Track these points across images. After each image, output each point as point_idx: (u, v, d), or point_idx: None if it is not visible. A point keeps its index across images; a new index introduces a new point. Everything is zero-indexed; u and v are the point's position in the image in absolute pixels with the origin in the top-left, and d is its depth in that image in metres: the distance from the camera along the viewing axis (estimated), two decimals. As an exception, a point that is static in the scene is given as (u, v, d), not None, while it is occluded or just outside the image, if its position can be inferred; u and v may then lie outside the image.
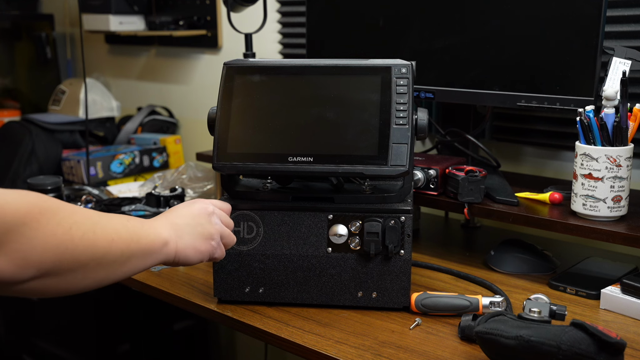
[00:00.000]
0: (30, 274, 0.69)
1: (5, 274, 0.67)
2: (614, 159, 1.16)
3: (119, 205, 1.61)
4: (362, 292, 1.13)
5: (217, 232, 0.96)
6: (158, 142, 2.24)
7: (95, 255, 0.75)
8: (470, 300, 1.10)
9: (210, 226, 0.95)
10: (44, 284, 0.71)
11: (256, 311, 1.14)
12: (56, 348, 2.06)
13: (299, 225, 1.13)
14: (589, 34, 1.24)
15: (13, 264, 0.67)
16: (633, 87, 1.39)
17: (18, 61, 2.73)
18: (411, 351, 1.00)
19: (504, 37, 1.34)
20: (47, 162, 2.07)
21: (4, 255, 0.66)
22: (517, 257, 1.33)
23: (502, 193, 1.32)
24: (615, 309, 1.13)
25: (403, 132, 1.09)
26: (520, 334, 0.86)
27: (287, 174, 1.17)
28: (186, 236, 0.91)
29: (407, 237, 1.11)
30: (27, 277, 0.69)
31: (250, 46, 1.66)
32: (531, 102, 1.31)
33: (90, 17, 2.28)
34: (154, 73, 2.48)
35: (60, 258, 0.71)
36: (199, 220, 0.94)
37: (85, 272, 0.75)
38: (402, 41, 1.47)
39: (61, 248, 0.71)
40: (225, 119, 1.13)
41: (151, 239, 0.85)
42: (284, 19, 2.03)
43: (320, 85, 1.13)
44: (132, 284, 1.30)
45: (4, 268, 0.66)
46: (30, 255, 0.68)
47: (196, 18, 2.23)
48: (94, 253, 0.75)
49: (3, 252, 0.66)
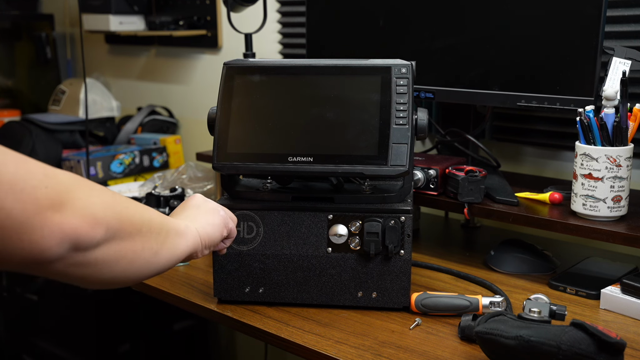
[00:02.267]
0: (101, 232, 0.68)
1: (81, 233, 0.65)
2: (614, 159, 1.16)
3: (119, 205, 1.61)
4: (362, 292, 1.13)
5: (216, 204, 1.00)
6: (158, 142, 2.24)
7: (143, 220, 0.77)
8: (470, 300, 1.10)
9: (208, 203, 0.99)
10: (114, 250, 0.71)
11: (256, 311, 1.14)
12: (56, 348, 2.06)
13: (299, 225, 1.13)
14: (589, 34, 1.24)
15: (85, 221, 0.66)
16: (633, 87, 1.39)
17: (18, 61, 2.73)
18: (411, 351, 1.00)
19: (504, 37, 1.34)
20: (47, 162, 2.02)
21: (74, 213, 0.65)
22: (517, 257, 1.33)
23: (502, 193, 1.32)
24: (615, 309, 1.13)
25: (403, 132, 1.09)
26: (520, 334, 0.86)
27: (287, 174, 1.17)
28: (197, 218, 0.94)
29: (407, 237, 1.11)
30: (100, 237, 0.68)
31: (250, 46, 1.66)
32: (531, 102, 1.31)
33: (90, 17, 2.28)
34: (154, 73, 2.48)
35: (120, 217, 0.71)
36: (195, 204, 0.98)
37: (142, 239, 0.76)
38: (402, 41, 1.47)
39: (117, 207, 0.71)
40: (225, 119, 1.13)
41: (175, 222, 0.88)
42: (284, 19, 2.03)
43: (320, 85, 1.13)
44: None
45: (78, 226, 0.65)
46: (96, 210, 0.67)
47: (196, 18, 2.23)
48: (142, 217, 0.77)
49: (72, 209, 0.65)
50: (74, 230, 0.65)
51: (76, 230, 0.65)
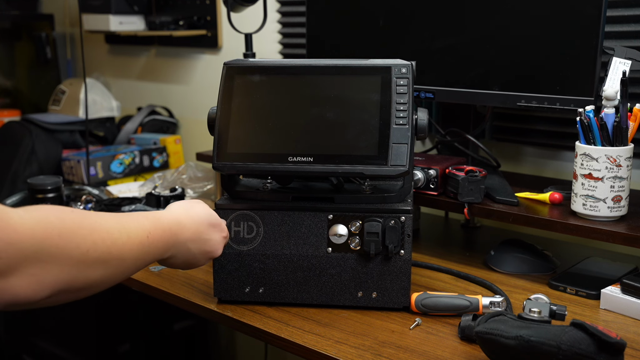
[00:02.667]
0: (45, 294, 0.69)
1: (21, 296, 0.67)
2: (614, 159, 1.16)
3: (119, 206, 1.61)
4: (362, 292, 1.13)
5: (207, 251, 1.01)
6: (158, 142, 2.24)
7: (106, 274, 0.77)
8: (470, 300, 1.10)
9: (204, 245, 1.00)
10: (57, 300, 0.72)
11: (256, 311, 1.14)
12: (56, 348, 2.06)
13: (299, 225, 1.13)
14: (589, 34, 1.24)
15: (30, 288, 0.67)
16: (633, 87, 1.39)
17: (18, 61, 2.73)
18: (411, 351, 1.00)
19: (504, 37, 1.34)
20: (47, 162, 2.07)
21: (21, 279, 0.66)
22: (517, 257, 1.33)
23: (502, 193, 1.32)
24: (615, 309, 1.13)
25: (403, 132, 1.09)
26: (520, 334, 0.86)
27: (287, 174, 1.16)
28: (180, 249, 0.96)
29: (407, 237, 1.11)
30: (42, 297, 0.69)
31: (250, 46, 1.66)
32: (531, 102, 1.31)
33: (90, 17, 2.28)
34: (154, 73, 2.48)
35: (75, 278, 0.72)
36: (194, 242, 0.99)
37: (97, 288, 0.77)
38: (402, 41, 1.47)
39: (75, 270, 0.72)
40: (225, 119, 1.13)
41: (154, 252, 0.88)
42: (284, 19, 2.03)
43: (320, 85, 1.13)
44: (132, 284, 1.30)
45: (21, 290, 0.67)
46: (46, 278, 0.68)
47: (196, 18, 2.23)
48: (106, 271, 0.77)
49: (20, 275, 0.66)
50: (13, 295, 0.66)
51: (19, 293, 0.67)
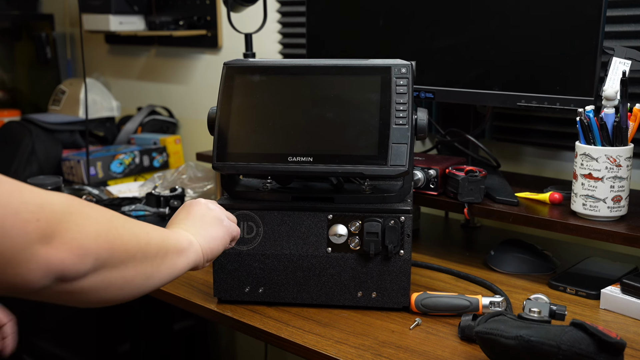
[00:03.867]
0: (89, 263, 0.67)
1: (67, 266, 0.65)
2: (614, 159, 1.16)
3: (119, 205, 1.61)
4: (362, 292, 1.13)
5: (220, 212, 0.98)
6: (158, 142, 2.24)
7: (139, 245, 0.76)
8: (470, 300, 1.10)
9: (211, 212, 0.97)
10: (102, 279, 0.70)
11: (256, 311, 1.14)
12: (56, 348, 2.06)
13: (298, 225, 1.13)
14: (589, 34, 1.24)
15: (73, 253, 0.65)
16: (633, 87, 1.39)
17: (18, 61, 2.73)
18: (411, 351, 1.00)
19: (504, 37, 1.34)
20: (47, 162, 2.07)
21: (63, 245, 0.65)
22: (517, 257, 1.33)
23: (502, 193, 1.32)
24: (615, 309, 1.13)
25: (403, 132, 1.09)
26: (520, 334, 0.86)
27: (287, 174, 1.17)
28: (200, 231, 0.93)
29: (407, 237, 1.11)
30: (87, 268, 0.67)
31: (250, 46, 1.66)
32: (531, 102, 1.31)
33: (90, 17, 2.28)
34: (154, 73, 2.48)
35: (112, 245, 0.71)
36: (199, 213, 0.96)
37: (135, 265, 0.75)
38: (402, 41, 1.47)
39: (110, 235, 0.71)
40: (225, 119, 1.13)
41: (177, 238, 0.87)
42: (284, 19, 2.03)
43: (320, 85, 1.13)
44: (132, 284, 1.30)
45: (65, 258, 0.65)
46: (86, 242, 0.67)
47: (196, 18, 2.23)
48: (138, 242, 0.76)
49: (61, 241, 0.64)
50: (60, 263, 0.65)
51: (62, 263, 0.65)
